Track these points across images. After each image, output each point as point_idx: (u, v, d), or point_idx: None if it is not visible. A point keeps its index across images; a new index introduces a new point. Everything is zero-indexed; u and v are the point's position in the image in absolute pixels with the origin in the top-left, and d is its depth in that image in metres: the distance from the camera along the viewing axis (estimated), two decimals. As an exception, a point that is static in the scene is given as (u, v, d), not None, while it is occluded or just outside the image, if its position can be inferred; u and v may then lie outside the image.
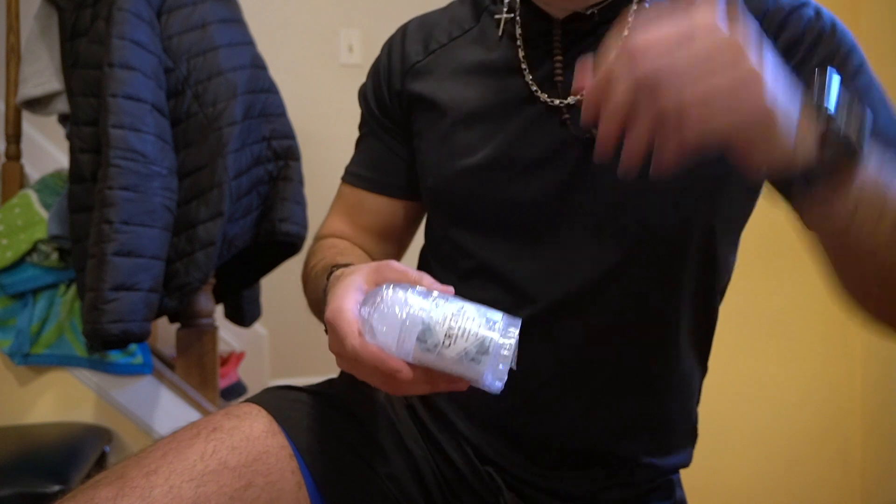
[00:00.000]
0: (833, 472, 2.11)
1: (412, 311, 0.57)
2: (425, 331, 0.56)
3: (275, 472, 0.71)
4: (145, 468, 0.66)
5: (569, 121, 0.75)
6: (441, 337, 0.56)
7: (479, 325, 0.56)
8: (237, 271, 1.80)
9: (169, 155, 1.47)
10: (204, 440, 0.69)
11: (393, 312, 0.57)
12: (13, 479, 1.21)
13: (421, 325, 0.56)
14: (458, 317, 0.56)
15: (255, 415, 0.74)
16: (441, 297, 0.58)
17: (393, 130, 0.89)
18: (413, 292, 0.58)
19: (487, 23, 0.84)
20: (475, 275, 0.81)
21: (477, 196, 0.80)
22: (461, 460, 0.80)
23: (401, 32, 0.91)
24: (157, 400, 1.59)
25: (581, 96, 0.73)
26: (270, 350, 2.62)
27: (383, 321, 0.57)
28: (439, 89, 0.83)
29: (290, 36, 2.60)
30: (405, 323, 0.56)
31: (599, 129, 0.54)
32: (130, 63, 1.41)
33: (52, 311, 1.55)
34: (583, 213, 0.76)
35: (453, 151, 0.81)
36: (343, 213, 0.94)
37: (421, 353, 0.56)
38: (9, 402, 1.57)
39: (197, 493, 0.65)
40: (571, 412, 0.78)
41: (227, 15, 1.63)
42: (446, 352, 0.56)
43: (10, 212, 1.55)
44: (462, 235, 0.82)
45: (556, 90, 0.77)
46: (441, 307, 0.57)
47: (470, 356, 0.55)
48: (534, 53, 0.79)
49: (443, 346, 0.56)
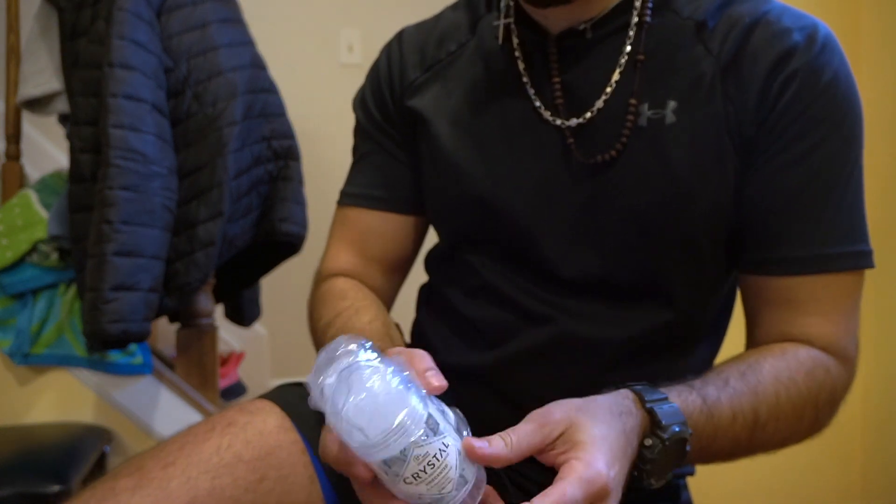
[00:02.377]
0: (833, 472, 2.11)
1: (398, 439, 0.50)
2: (397, 460, 0.50)
3: (287, 465, 0.72)
4: (163, 460, 0.68)
5: (573, 145, 0.74)
6: (408, 473, 0.51)
7: (450, 480, 0.51)
8: (237, 271, 1.80)
9: (169, 155, 1.47)
10: (219, 434, 0.71)
11: (375, 415, 0.50)
12: (13, 479, 1.21)
13: (399, 453, 0.50)
14: (436, 462, 0.51)
15: (268, 411, 0.75)
16: (434, 418, 0.52)
17: (396, 139, 0.87)
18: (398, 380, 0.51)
19: (485, 32, 0.83)
20: (481, 293, 0.81)
21: (481, 219, 0.79)
22: None
23: (397, 41, 0.88)
24: (157, 400, 1.59)
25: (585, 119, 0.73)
26: (270, 350, 2.61)
27: (359, 415, 0.50)
28: (440, 110, 0.82)
29: (290, 36, 2.60)
30: (384, 439, 0.50)
31: None
32: (130, 63, 1.41)
33: (52, 311, 1.55)
34: (590, 235, 0.75)
35: (458, 174, 0.79)
36: (349, 243, 0.89)
37: (377, 468, 0.52)
38: (9, 402, 1.57)
39: (213, 485, 0.67)
40: None
41: (227, 15, 1.63)
42: (404, 486, 0.51)
43: (10, 212, 1.55)
44: (467, 253, 0.81)
45: (558, 109, 0.75)
46: (427, 444, 0.51)
47: (423, 501, 0.52)
48: (533, 69, 0.78)
49: (404, 480, 0.51)
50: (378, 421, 0.50)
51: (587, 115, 0.74)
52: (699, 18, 0.73)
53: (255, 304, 1.93)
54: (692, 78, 0.71)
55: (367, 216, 0.88)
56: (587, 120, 0.74)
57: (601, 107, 0.73)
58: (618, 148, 0.72)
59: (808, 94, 0.69)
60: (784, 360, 0.69)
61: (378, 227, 0.88)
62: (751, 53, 0.70)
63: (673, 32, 0.73)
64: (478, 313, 0.81)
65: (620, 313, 0.76)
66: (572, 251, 0.76)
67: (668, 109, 0.71)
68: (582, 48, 0.75)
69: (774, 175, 0.71)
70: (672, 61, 0.72)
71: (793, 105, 0.69)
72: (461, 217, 0.81)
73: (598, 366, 0.76)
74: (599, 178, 0.74)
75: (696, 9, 0.73)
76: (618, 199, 0.73)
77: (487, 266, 0.80)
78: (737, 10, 0.72)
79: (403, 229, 0.88)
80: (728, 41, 0.71)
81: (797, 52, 0.70)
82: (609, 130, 0.73)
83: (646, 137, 0.72)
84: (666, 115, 0.71)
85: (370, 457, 0.51)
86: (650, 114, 0.72)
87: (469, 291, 0.81)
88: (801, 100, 0.69)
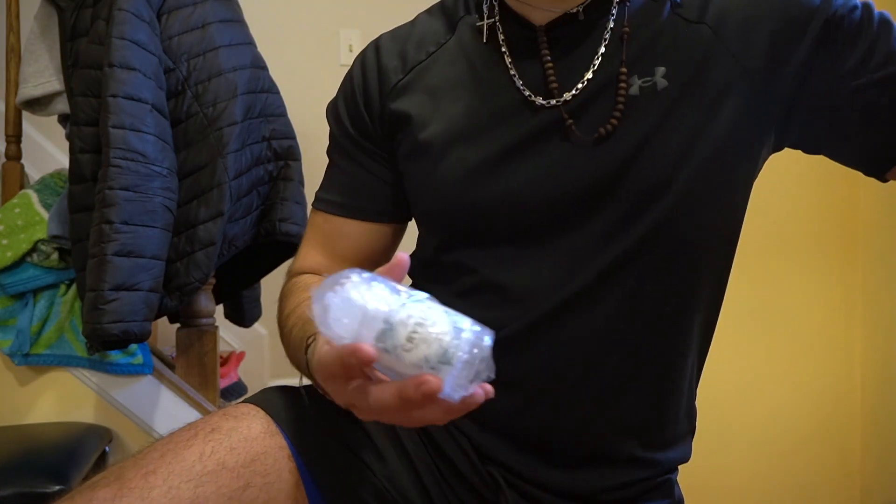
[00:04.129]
0: (833, 472, 2.11)
1: (376, 307, 0.52)
2: (386, 331, 0.52)
3: (273, 472, 0.71)
4: (144, 468, 0.66)
5: (572, 126, 0.74)
6: (402, 339, 0.52)
7: (445, 332, 0.52)
8: (237, 271, 1.80)
9: (169, 155, 1.47)
10: (202, 441, 0.69)
11: (355, 304, 0.52)
12: (13, 479, 1.21)
13: (383, 323, 0.52)
14: (423, 321, 0.52)
15: (253, 415, 0.74)
16: (411, 298, 0.54)
17: (372, 151, 0.85)
18: (382, 285, 0.54)
19: (464, 33, 0.82)
20: (476, 291, 0.79)
21: (480, 210, 0.78)
22: (460, 459, 0.80)
23: (373, 48, 0.87)
24: (157, 400, 1.59)
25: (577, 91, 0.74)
26: (270, 350, 2.62)
27: (344, 312, 0.53)
28: (426, 108, 0.81)
29: (290, 36, 2.60)
30: (366, 317, 0.52)
31: None
32: (130, 63, 1.41)
33: (52, 311, 1.55)
34: (593, 213, 0.75)
35: (452, 170, 0.78)
36: (318, 244, 0.89)
37: (378, 352, 0.52)
38: (9, 402, 1.57)
39: (195, 494, 0.65)
40: (577, 411, 0.78)
41: (228, 15, 1.63)
42: (406, 356, 0.52)
43: (10, 212, 1.55)
44: (462, 252, 0.80)
45: (550, 92, 0.76)
46: (408, 308, 0.53)
47: (430, 364, 0.51)
48: (520, 60, 0.78)
49: (402, 349, 0.52)
50: (358, 309, 0.52)
51: (578, 87, 0.75)
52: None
53: (255, 304, 1.93)
54: (677, 44, 0.74)
55: (336, 221, 0.88)
56: (579, 92, 0.75)
57: (591, 78, 0.75)
58: (616, 116, 0.73)
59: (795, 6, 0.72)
60: None
61: (347, 232, 0.88)
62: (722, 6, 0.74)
63: (650, 8, 0.76)
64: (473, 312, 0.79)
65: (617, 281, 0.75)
66: (588, 229, 0.75)
67: (657, 76, 0.73)
68: (571, 32, 0.76)
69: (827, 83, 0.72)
70: (654, 32, 0.75)
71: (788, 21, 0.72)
72: (461, 216, 0.79)
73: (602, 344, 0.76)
74: (605, 153, 0.74)
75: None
76: (628, 168, 0.73)
77: (483, 259, 0.78)
78: None
79: (373, 235, 0.88)
80: (700, 5, 0.74)
81: None
82: (603, 103, 0.74)
83: (641, 106, 0.73)
84: (657, 81, 0.73)
85: (367, 338, 0.52)
86: (641, 82, 0.73)
87: (461, 292, 0.79)
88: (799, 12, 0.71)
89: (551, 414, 0.78)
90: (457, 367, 0.51)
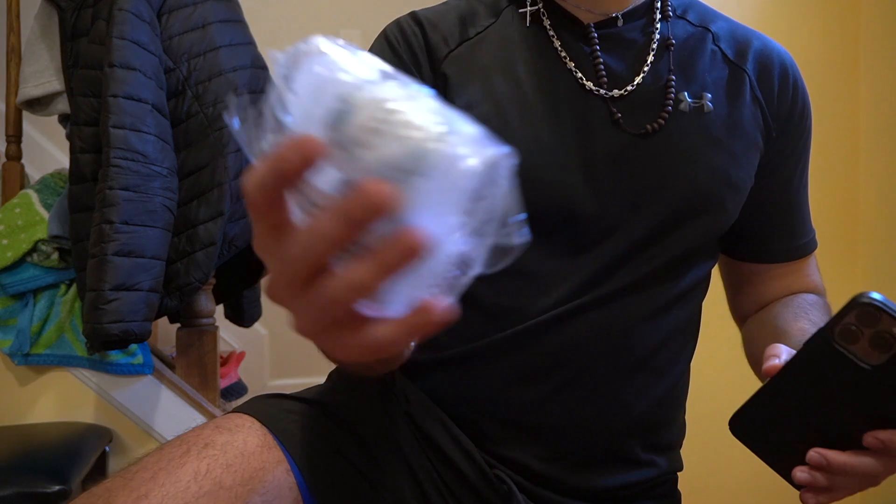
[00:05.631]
0: (833, 473, 2.11)
1: (337, 78, 0.34)
2: (342, 112, 0.33)
3: (272, 490, 0.68)
4: (134, 492, 0.60)
5: (621, 120, 0.76)
6: (360, 129, 0.33)
7: (430, 123, 0.33)
8: (238, 271, 1.80)
9: (169, 155, 1.47)
10: (196, 458, 0.65)
11: (314, 75, 0.34)
12: (13, 479, 1.21)
13: (339, 102, 0.33)
14: (401, 105, 0.33)
15: (249, 427, 0.71)
16: (396, 79, 0.35)
17: None
18: (361, 56, 0.36)
19: (509, 18, 0.82)
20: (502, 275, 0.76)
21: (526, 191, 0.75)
22: (466, 464, 0.77)
23: (410, 18, 0.82)
24: (157, 400, 1.59)
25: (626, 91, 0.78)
26: (270, 350, 2.62)
27: (299, 86, 0.34)
28: (474, 79, 0.78)
29: (291, 36, 2.60)
30: (319, 92, 0.34)
31: None
32: (131, 63, 1.41)
33: (52, 311, 1.55)
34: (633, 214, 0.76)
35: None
36: None
37: (330, 147, 0.33)
38: (9, 402, 1.57)
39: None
40: (595, 406, 0.76)
41: (228, 15, 1.63)
42: (364, 153, 0.33)
43: (10, 212, 1.55)
44: None
45: (602, 83, 0.78)
46: (385, 87, 0.34)
47: (399, 167, 0.32)
48: (569, 48, 0.79)
49: (360, 143, 0.33)
50: (316, 81, 0.35)
51: (628, 88, 0.78)
52: (707, 27, 0.84)
53: (255, 304, 1.93)
54: (720, 75, 0.81)
55: None
56: (628, 93, 0.78)
57: (640, 82, 0.79)
58: (664, 117, 0.77)
59: (803, 100, 0.84)
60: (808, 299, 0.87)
61: None
62: (763, 63, 0.82)
63: (693, 31, 0.83)
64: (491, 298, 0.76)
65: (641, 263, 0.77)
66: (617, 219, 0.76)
67: (705, 100, 0.79)
68: (615, 34, 0.80)
69: (781, 171, 0.85)
70: (699, 56, 0.81)
71: (799, 110, 0.84)
72: None
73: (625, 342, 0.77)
74: (647, 149, 0.76)
75: (703, 20, 0.85)
76: (670, 168, 0.76)
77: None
78: (723, 24, 0.85)
79: None
80: (740, 50, 0.83)
81: (790, 64, 0.84)
82: (650, 106, 0.78)
83: (688, 119, 0.78)
84: (704, 104, 0.79)
85: (310, 129, 0.34)
86: (691, 101, 0.79)
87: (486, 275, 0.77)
88: (803, 105, 0.84)
89: (573, 406, 0.76)
90: (440, 180, 0.33)
